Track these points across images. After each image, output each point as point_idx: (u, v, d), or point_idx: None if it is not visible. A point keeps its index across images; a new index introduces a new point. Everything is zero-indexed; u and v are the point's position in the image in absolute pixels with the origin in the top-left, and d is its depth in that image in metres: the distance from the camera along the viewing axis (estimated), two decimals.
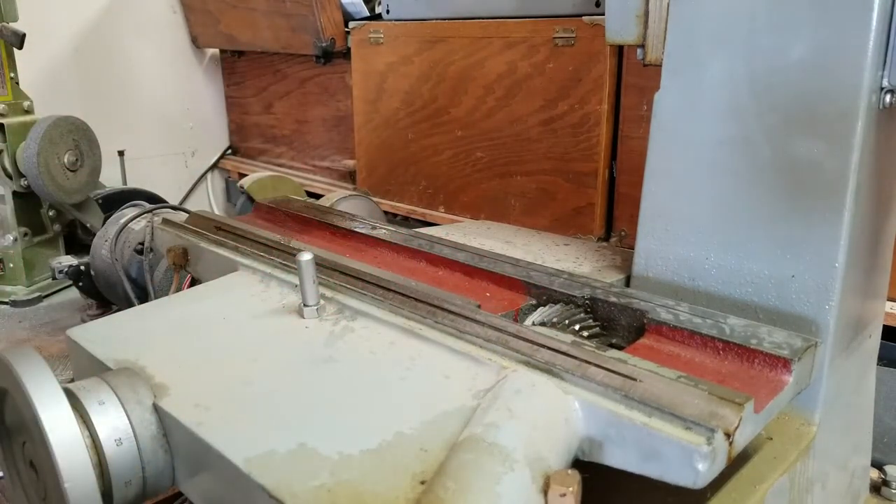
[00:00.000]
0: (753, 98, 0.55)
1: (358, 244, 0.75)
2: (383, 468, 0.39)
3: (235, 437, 0.43)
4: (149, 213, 0.88)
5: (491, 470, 0.37)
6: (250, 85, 1.80)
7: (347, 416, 0.45)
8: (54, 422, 0.42)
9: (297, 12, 1.42)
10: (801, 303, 0.55)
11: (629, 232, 1.03)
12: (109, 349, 0.53)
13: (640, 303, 0.54)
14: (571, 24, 1.02)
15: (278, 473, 0.39)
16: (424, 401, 0.45)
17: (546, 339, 0.48)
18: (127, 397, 0.46)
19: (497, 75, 1.12)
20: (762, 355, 0.47)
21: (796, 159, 0.54)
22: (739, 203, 0.57)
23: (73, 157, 1.22)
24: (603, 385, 0.42)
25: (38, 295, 1.28)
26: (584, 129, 1.04)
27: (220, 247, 0.72)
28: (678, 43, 0.58)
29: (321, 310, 0.57)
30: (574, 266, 0.70)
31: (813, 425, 0.55)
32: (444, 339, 0.51)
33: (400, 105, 1.30)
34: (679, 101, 0.59)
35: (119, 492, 0.45)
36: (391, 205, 1.34)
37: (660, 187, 0.62)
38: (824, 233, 0.53)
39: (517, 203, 1.15)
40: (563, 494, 0.36)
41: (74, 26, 1.60)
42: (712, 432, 0.38)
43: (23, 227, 1.27)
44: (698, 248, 0.60)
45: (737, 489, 0.47)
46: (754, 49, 0.54)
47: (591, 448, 0.42)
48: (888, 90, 0.51)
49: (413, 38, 1.24)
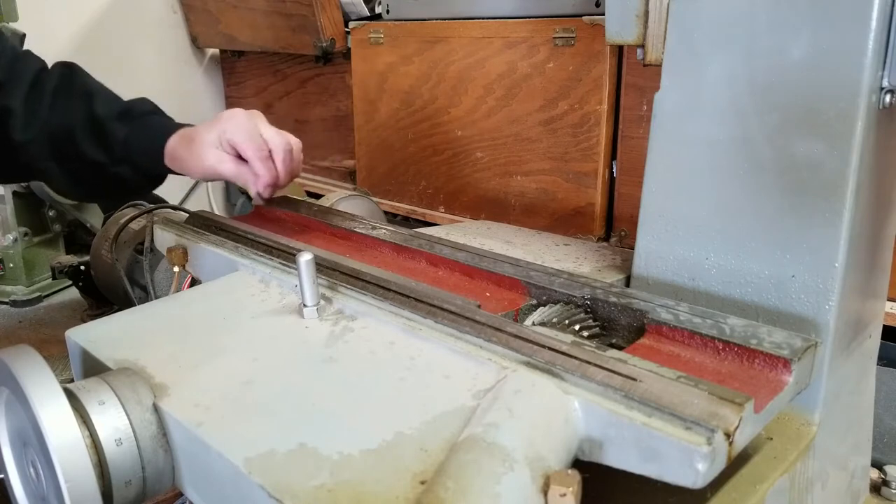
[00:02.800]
0: (753, 98, 0.55)
1: (358, 244, 0.75)
2: (383, 468, 0.39)
3: (235, 437, 0.43)
4: (149, 212, 0.88)
5: (491, 470, 0.37)
6: (250, 85, 1.80)
7: (347, 416, 0.45)
8: (54, 422, 0.42)
9: (297, 12, 1.42)
10: (802, 303, 0.55)
11: (629, 232, 1.03)
12: (109, 349, 0.53)
13: (640, 303, 0.54)
14: (571, 24, 1.02)
15: (278, 473, 0.39)
16: (424, 401, 0.45)
17: (546, 339, 0.48)
18: (127, 397, 0.46)
19: (497, 75, 1.12)
20: (762, 355, 0.47)
21: (796, 159, 0.54)
22: (739, 203, 0.57)
23: None
24: (603, 385, 0.42)
25: (38, 295, 1.28)
26: (584, 129, 1.04)
27: (220, 247, 0.72)
28: (678, 43, 0.58)
29: (321, 310, 0.57)
30: (574, 266, 0.70)
31: (813, 425, 0.55)
32: (444, 339, 0.51)
33: (400, 105, 1.30)
34: (679, 101, 0.59)
35: (119, 492, 0.45)
36: (391, 205, 1.34)
37: (660, 187, 0.62)
38: (824, 233, 0.53)
39: (517, 203, 1.15)
40: (563, 494, 0.36)
41: (74, 26, 1.60)
42: (712, 432, 0.38)
43: (23, 227, 1.28)
44: (698, 248, 0.60)
45: (737, 489, 0.47)
46: (754, 49, 0.54)
47: (591, 448, 0.42)
48: (888, 90, 0.51)
49: (413, 38, 1.24)
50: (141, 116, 0.84)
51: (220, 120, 0.78)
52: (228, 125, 0.77)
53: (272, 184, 0.79)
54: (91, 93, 0.85)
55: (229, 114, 0.79)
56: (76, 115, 0.84)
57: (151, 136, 0.83)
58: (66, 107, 0.84)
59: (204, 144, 0.78)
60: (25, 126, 0.83)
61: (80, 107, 0.84)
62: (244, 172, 0.78)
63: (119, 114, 0.83)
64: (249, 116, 0.79)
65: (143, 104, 0.86)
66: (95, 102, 0.84)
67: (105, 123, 0.83)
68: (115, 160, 0.84)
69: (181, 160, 0.80)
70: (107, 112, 0.83)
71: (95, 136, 0.83)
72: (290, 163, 0.80)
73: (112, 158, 0.84)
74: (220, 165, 0.78)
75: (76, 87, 0.86)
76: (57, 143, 0.84)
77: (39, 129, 0.83)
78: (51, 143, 0.84)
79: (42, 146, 0.84)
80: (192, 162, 0.79)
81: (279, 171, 0.79)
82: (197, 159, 0.78)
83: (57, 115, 0.84)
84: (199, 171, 0.79)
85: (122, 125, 0.83)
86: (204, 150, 0.78)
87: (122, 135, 0.82)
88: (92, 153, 0.83)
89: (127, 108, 0.84)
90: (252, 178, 0.78)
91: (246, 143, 0.76)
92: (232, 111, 0.79)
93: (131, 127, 0.83)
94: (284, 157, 0.79)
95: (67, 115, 0.84)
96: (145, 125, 0.84)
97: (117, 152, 0.83)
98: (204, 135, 0.78)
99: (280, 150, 0.78)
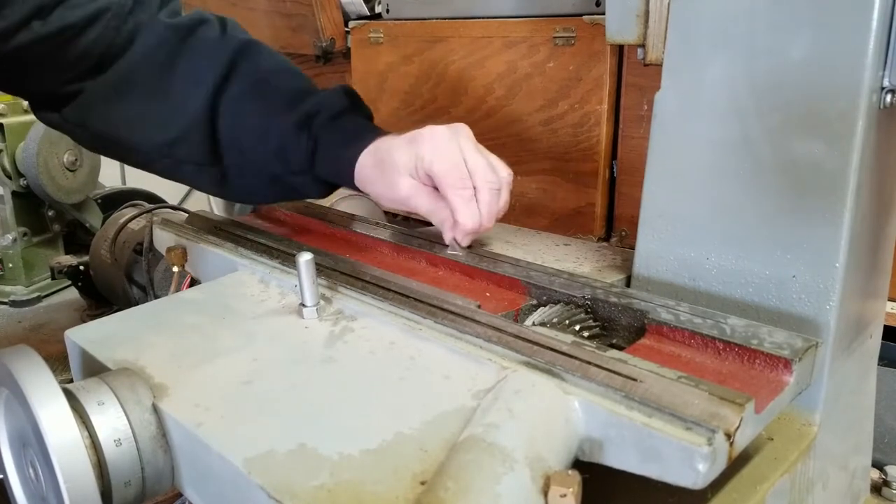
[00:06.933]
0: (754, 98, 0.55)
1: (358, 244, 0.75)
2: (383, 468, 0.39)
3: (235, 437, 0.43)
4: (148, 212, 0.88)
5: (491, 470, 0.37)
6: None
7: (347, 416, 0.45)
8: (53, 422, 0.42)
9: (296, 12, 1.42)
10: (802, 303, 0.55)
11: (629, 232, 1.02)
12: (109, 349, 0.53)
13: (641, 303, 0.54)
14: (571, 23, 1.02)
15: (278, 474, 0.39)
16: (424, 401, 0.45)
17: (546, 339, 0.48)
18: (126, 398, 0.46)
19: (497, 75, 1.12)
20: (763, 355, 0.47)
21: (796, 159, 0.54)
22: (740, 203, 0.57)
23: (72, 157, 1.22)
24: (603, 385, 0.42)
25: (37, 295, 1.28)
26: (584, 129, 1.04)
27: (219, 247, 0.71)
28: (678, 43, 0.58)
29: (321, 310, 0.57)
30: (574, 266, 0.70)
31: (814, 425, 0.55)
32: (444, 340, 0.51)
33: (400, 105, 1.30)
34: (679, 101, 0.59)
35: (118, 492, 0.45)
36: None
37: (660, 187, 0.62)
38: (825, 233, 0.53)
39: (517, 203, 1.15)
40: (563, 495, 0.36)
41: None
42: (713, 433, 0.38)
43: (22, 227, 1.27)
44: (698, 248, 0.60)
45: (737, 489, 0.47)
46: (754, 49, 0.54)
47: (591, 448, 0.42)
48: (888, 90, 0.51)
49: (413, 37, 1.24)
50: (331, 121, 0.70)
51: (418, 140, 0.64)
52: (426, 148, 0.63)
53: (473, 231, 0.64)
54: (269, 91, 0.71)
55: (429, 133, 0.65)
56: (250, 120, 0.71)
57: (340, 149, 0.69)
58: (237, 108, 0.71)
59: (396, 169, 0.65)
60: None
61: (256, 110, 0.70)
62: (440, 210, 0.65)
63: (304, 119, 0.70)
64: (452, 136, 0.64)
65: (335, 100, 0.71)
66: (274, 104, 0.70)
67: (285, 134, 0.70)
68: (293, 172, 0.72)
69: (371, 183, 0.68)
70: (289, 120, 0.70)
71: (271, 147, 0.70)
72: (497, 204, 0.65)
73: (289, 171, 0.72)
74: (412, 199, 0.65)
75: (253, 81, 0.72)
76: (218, 144, 0.72)
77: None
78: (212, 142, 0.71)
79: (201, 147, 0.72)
80: (382, 188, 0.67)
81: (482, 215, 0.64)
82: (388, 187, 0.66)
83: (233, 116, 0.71)
84: (390, 200, 0.67)
85: (307, 135, 0.69)
86: (396, 177, 0.65)
87: (306, 145, 0.69)
88: (264, 163, 0.71)
89: (315, 111, 0.70)
90: (449, 221, 0.65)
91: (446, 177, 0.63)
92: (432, 129, 0.65)
93: (317, 138, 0.70)
94: (490, 198, 0.64)
95: (242, 118, 0.71)
96: (334, 136, 0.70)
97: (297, 164, 0.71)
98: (397, 156, 0.65)
99: (486, 189, 0.63)
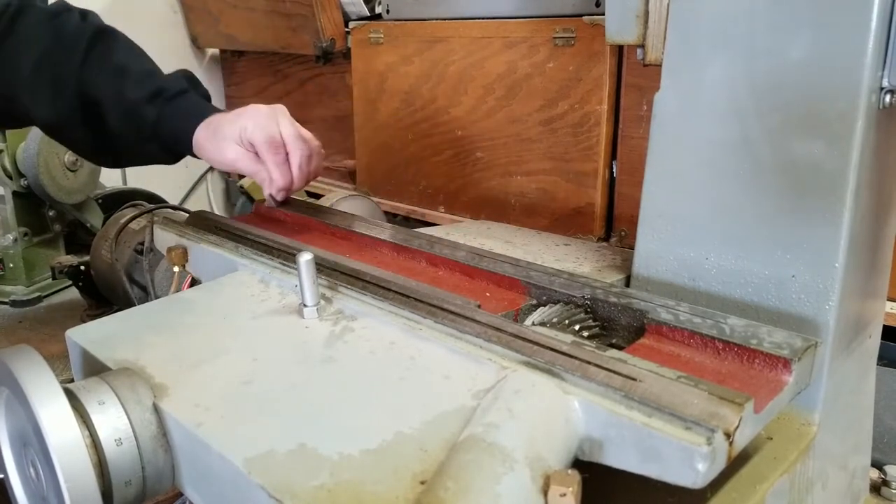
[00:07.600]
0: (753, 98, 0.55)
1: (358, 244, 0.75)
2: (383, 468, 0.39)
3: (235, 437, 0.43)
4: (149, 213, 0.88)
5: (491, 470, 0.37)
6: (250, 85, 1.80)
7: (347, 416, 0.45)
8: (54, 422, 0.42)
9: (297, 12, 1.42)
10: (802, 303, 0.55)
11: (629, 232, 1.03)
12: (109, 349, 0.53)
13: (640, 303, 0.54)
14: (571, 24, 1.02)
15: (278, 473, 0.39)
16: (424, 401, 0.45)
17: (546, 339, 0.48)
18: (127, 397, 0.46)
19: (497, 75, 1.12)
20: (762, 355, 0.47)
21: (796, 159, 0.54)
22: (739, 203, 0.57)
23: (73, 157, 1.22)
24: (603, 385, 0.42)
25: (38, 295, 1.28)
26: (584, 129, 1.04)
27: (219, 247, 0.72)
28: (678, 43, 0.58)
29: (321, 310, 0.57)
30: (574, 266, 0.70)
31: (813, 425, 0.55)
32: (444, 339, 0.51)
33: (400, 105, 1.30)
34: (679, 101, 0.59)
35: (119, 492, 0.45)
36: (391, 205, 1.34)
37: (660, 187, 0.62)
38: (824, 233, 0.53)
39: (517, 203, 1.15)
40: (563, 494, 0.36)
41: None
42: (712, 432, 0.38)
43: (23, 227, 1.27)
44: (698, 248, 0.60)
45: (737, 489, 0.47)
46: (754, 49, 0.54)
47: (591, 448, 0.42)
48: (888, 90, 0.51)
49: (413, 38, 1.24)
50: (173, 98, 0.84)
51: (243, 115, 0.79)
52: (249, 123, 0.78)
53: (286, 188, 0.80)
54: (124, 69, 0.84)
55: (253, 110, 0.79)
56: (106, 91, 0.83)
57: (181, 122, 0.83)
58: (97, 80, 0.84)
59: (225, 138, 0.79)
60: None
61: (112, 83, 0.84)
62: (260, 171, 0.79)
63: (151, 95, 0.83)
64: (271, 114, 0.79)
65: (177, 82, 0.86)
66: (127, 81, 0.83)
67: (136, 106, 0.83)
68: (144, 139, 0.84)
69: (205, 151, 0.81)
70: (139, 94, 0.83)
71: (125, 114, 0.83)
72: (308, 167, 0.80)
73: (140, 137, 0.84)
74: (238, 162, 0.79)
75: (110, 61, 0.85)
76: (86, 111, 0.84)
77: (69, 96, 0.84)
78: (82, 110, 0.84)
79: (73, 112, 0.84)
80: (214, 154, 0.80)
81: (294, 175, 0.79)
82: (218, 152, 0.80)
83: (88, 85, 0.83)
84: (219, 163, 0.81)
85: (153, 107, 0.83)
86: (225, 144, 0.79)
87: (153, 117, 0.83)
88: (120, 129, 0.84)
89: (160, 89, 0.84)
90: (267, 180, 0.79)
91: (263, 144, 0.77)
92: (256, 107, 0.80)
93: (162, 110, 0.83)
94: (301, 162, 0.79)
95: (96, 88, 0.83)
96: (177, 109, 0.83)
97: (146, 132, 0.84)
98: (226, 128, 0.79)
99: (297, 154, 0.78)
